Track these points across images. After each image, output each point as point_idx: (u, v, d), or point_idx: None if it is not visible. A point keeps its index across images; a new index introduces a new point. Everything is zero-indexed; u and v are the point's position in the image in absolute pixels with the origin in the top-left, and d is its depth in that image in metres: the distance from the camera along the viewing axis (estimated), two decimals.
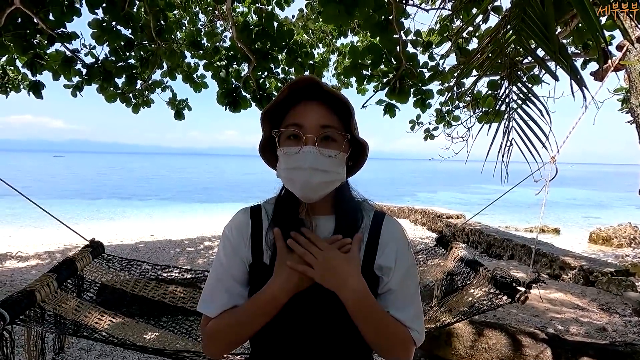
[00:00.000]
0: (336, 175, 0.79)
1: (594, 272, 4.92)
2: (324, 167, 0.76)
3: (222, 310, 0.81)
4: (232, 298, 0.81)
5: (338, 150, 0.78)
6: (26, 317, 1.33)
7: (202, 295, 0.84)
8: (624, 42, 2.25)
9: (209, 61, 4.32)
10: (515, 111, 1.53)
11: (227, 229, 0.87)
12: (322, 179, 0.76)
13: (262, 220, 0.85)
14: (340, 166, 0.80)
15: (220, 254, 0.85)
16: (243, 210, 0.88)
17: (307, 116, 0.78)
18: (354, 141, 0.83)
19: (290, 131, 0.78)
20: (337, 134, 0.78)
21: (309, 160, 0.75)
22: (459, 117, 4.70)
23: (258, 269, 0.82)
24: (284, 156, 0.79)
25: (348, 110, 0.78)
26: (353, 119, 0.79)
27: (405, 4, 3.38)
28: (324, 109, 0.79)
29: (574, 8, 1.32)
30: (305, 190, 0.77)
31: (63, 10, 3.06)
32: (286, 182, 0.81)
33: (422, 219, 10.36)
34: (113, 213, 14.48)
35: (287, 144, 0.79)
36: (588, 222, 13.42)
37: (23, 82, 5.02)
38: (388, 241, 0.83)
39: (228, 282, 0.82)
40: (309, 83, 0.77)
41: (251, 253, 0.83)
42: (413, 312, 0.82)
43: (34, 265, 5.56)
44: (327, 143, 0.78)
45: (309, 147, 0.76)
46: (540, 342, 2.41)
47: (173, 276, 2.30)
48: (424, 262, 2.55)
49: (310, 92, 0.78)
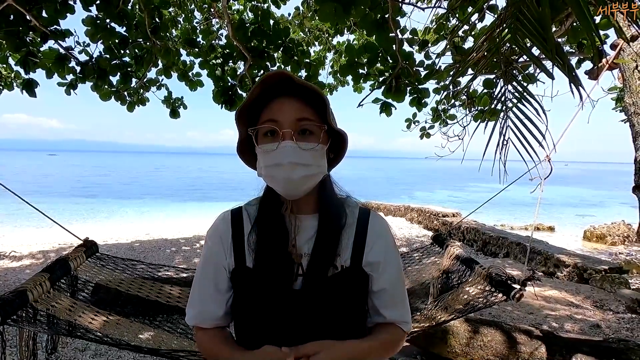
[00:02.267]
0: (317, 168, 0.78)
1: (588, 269, 4.97)
2: (305, 160, 0.75)
3: (195, 321, 0.84)
4: (218, 310, 0.83)
5: (316, 143, 0.77)
6: (18, 318, 1.32)
7: (188, 309, 0.86)
8: (618, 41, 2.26)
9: (204, 59, 4.29)
10: (511, 110, 1.53)
11: (207, 236, 0.86)
12: (303, 173, 0.75)
13: (244, 223, 0.84)
14: (321, 159, 0.79)
15: (202, 263, 0.85)
16: (223, 215, 0.87)
17: (282, 111, 0.77)
18: (333, 132, 0.82)
19: (266, 128, 0.77)
20: (314, 126, 0.77)
21: (289, 155, 0.74)
22: (455, 115, 4.71)
23: (241, 273, 0.81)
24: (263, 154, 0.78)
25: (323, 102, 0.77)
26: (329, 110, 0.78)
27: (401, 2, 3.38)
28: (299, 103, 0.77)
29: (569, 7, 1.32)
30: (288, 186, 0.76)
31: (57, 7, 3.02)
32: (268, 180, 0.80)
33: (418, 217, 10.39)
34: (108, 212, 14.38)
35: (264, 141, 0.78)
36: (582, 220, 13.51)
37: (16, 80, 4.96)
38: (376, 238, 0.83)
39: (209, 291, 0.83)
40: (281, 78, 0.76)
41: (233, 258, 0.82)
42: (406, 306, 0.86)
43: (27, 265, 5.51)
44: (305, 136, 0.77)
45: (287, 141, 0.75)
46: (534, 339, 2.43)
47: (168, 275, 2.29)
48: (420, 260, 2.56)
49: (283, 87, 0.77)
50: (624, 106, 2.34)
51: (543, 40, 1.24)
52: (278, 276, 0.76)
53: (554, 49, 1.14)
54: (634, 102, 2.09)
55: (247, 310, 0.80)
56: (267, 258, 0.78)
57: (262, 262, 0.78)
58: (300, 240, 0.80)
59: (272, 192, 0.82)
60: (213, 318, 0.83)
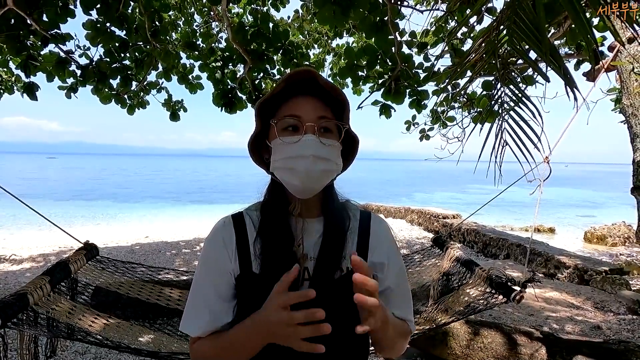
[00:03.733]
0: (335, 165, 0.79)
1: (589, 271, 4.96)
2: (326, 155, 0.76)
3: (205, 330, 0.77)
4: (215, 317, 0.78)
5: (336, 140, 0.79)
6: (19, 321, 1.32)
7: (185, 313, 0.81)
8: (616, 43, 2.27)
9: (204, 62, 4.31)
10: (508, 112, 1.54)
11: (207, 241, 0.83)
12: (323, 167, 0.76)
13: (247, 228, 0.82)
14: (338, 157, 0.80)
15: (202, 269, 0.81)
16: (223, 220, 0.84)
17: (304, 108, 0.78)
18: (345, 136, 0.83)
19: (288, 121, 0.78)
20: (334, 124, 0.79)
21: (312, 147, 0.74)
22: (454, 117, 4.72)
23: (247, 279, 0.79)
24: (282, 145, 0.77)
25: (342, 104, 0.79)
26: (347, 112, 0.80)
27: (400, 5, 3.39)
28: (319, 102, 0.79)
29: (565, 10, 1.33)
30: (307, 179, 0.75)
31: (57, 11, 3.04)
32: (284, 173, 0.78)
33: (419, 219, 10.39)
34: (108, 215, 14.39)
35: (285, 134, 0.78)
36: (583, 222, 13.50)
37: (17, 83, 4.98)
38: (378, 240, 0.85)
39: (211, 300, 0.78)
40: (306, 76, 0.77)
41: (238, 264, 0.79)
42: (410, 308, 0.87)
43: (28, 268, 5.51)
44: (326, 134, 0.78)
45: (309, 135, 0.75)
46: (535, 340, 2.42)
47: (168, 278, 2.29)
48: (421, 262, 2.56)
49: (305, 86, 0.79)
50: (621, 108, 2.34)
51: (538, 43, 1.24)
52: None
53: (548, 52, 1.15)
54: (631, 103, 2.10)
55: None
56: (274, 263, 0.77)
57: (268, 267, 0.77)
58: (306, 244, 0.79)
59: (276, 194, 0.82)
60: (215, 325, 0.78)
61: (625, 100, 2.23)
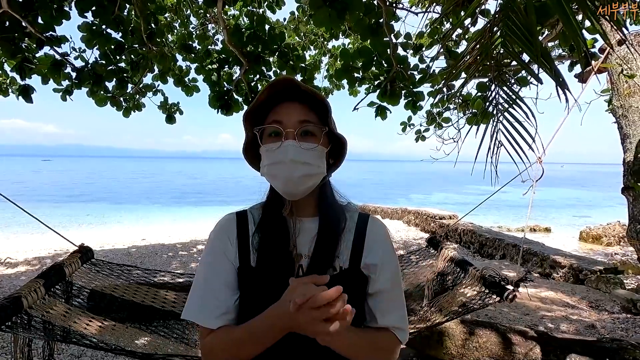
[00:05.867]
0: (317, 168, 0.81)
1: (584, 270, 5.00)
2: (305, 159, 0.79)
3: (215, 317, 0.78)
4: (223, 305, 0.80)
5: (317, 144, 0.81)
6: (13, 324, 1.32)
7: (189, 303, 0.81)
8: (606, 45, 2.30)
9: (200, 64, 4.31)
10: (502, 114, 1.56)
11: (214, 233, 0.87)
12: (303, 172, 0.79)
13: (249, 224, 0.87)
14: (321, 159, 0.82)
15: (208, 259, 0.84)
16: (227, 216, 0.90)
17: (287, 113, 0.81)
18: (333, 138, 0.86)
19: (271, 128, 0.81)
20: (315, 127, 0.81)
21: (290, 153, 0.78)
22: (449, 118, 4.75)
23: (245, 272, 0.83)
24: (266, 153, 0.82)
25: (325, 107, 0.82)
26: (330, 115, 0.83)
27: (395, 7, 3.41)
28: (302, 107, 0.82)
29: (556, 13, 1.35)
30: (288, 184, 0.79)
31: (52, 13, 3.03)
32: (270, 179, 0.84)
33: (415, 219, 10.41)
34: (104, 217, 14.31)
35: (268, 141, 0.82)
36: (578, 221, 13.59)
37: (12, 86, 4.95)
38: (374, 241, 0.86)
39: (218, 288, 0.81)
40: (288, 84, 0.80)
41: (238, 257, 0.83)
42: (402, 313, 0.86)
43: (23, 271, 5.47)
44: (307, 137, 0.81)
45: (289, 141, 0.79)
46: (529, 339, 2.44)
47: (164, 281, 2.29)
48: (416, 263, 2.58)
49: (289, 92, 0.82)
50: (612, 109, 2.37)
51: (530, 45, 1.26)
52: (279, 275, 0.78)
53: (540, 54, 1.17)
54: (621, 105, 2.13)
55: (250, 310, 0.79)
56: (269, 258, 0.81)
57: (264, 261, 0.81)
58: (301, 242, 0.83)
59: (275, 195, 0.85)
60: (220, 312, 0.79)
61: (615, 102, 2.26)
